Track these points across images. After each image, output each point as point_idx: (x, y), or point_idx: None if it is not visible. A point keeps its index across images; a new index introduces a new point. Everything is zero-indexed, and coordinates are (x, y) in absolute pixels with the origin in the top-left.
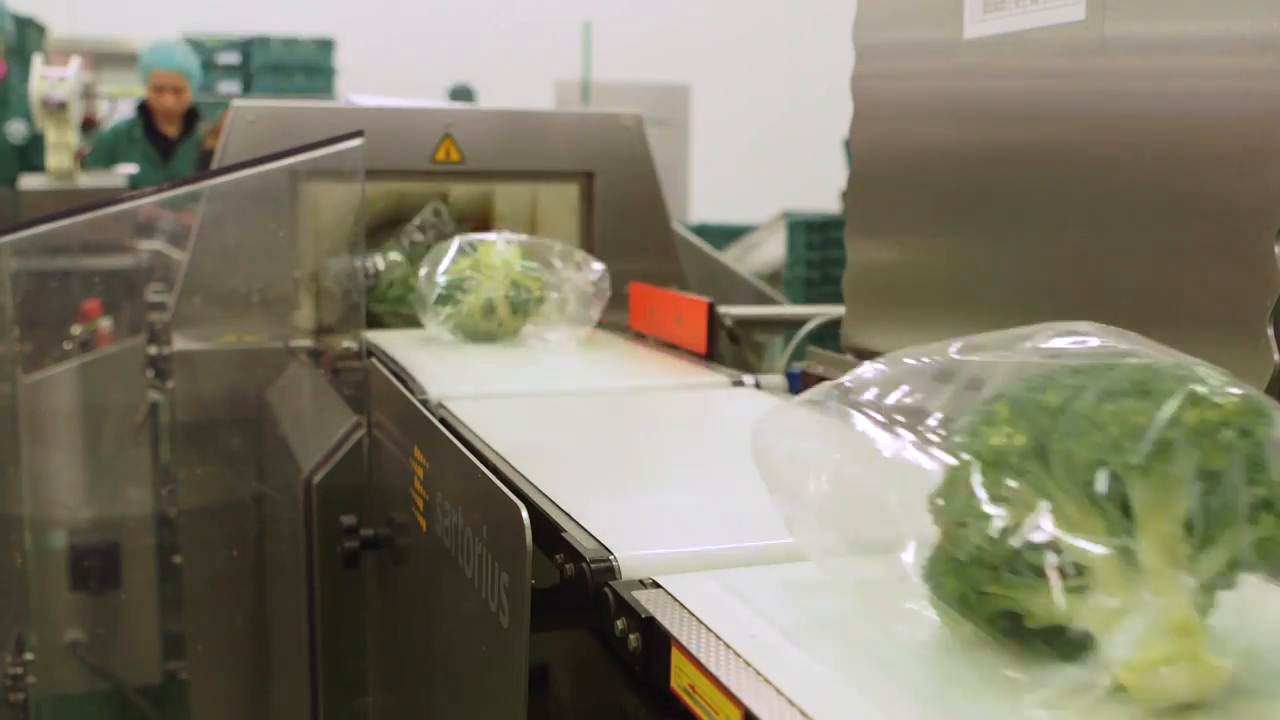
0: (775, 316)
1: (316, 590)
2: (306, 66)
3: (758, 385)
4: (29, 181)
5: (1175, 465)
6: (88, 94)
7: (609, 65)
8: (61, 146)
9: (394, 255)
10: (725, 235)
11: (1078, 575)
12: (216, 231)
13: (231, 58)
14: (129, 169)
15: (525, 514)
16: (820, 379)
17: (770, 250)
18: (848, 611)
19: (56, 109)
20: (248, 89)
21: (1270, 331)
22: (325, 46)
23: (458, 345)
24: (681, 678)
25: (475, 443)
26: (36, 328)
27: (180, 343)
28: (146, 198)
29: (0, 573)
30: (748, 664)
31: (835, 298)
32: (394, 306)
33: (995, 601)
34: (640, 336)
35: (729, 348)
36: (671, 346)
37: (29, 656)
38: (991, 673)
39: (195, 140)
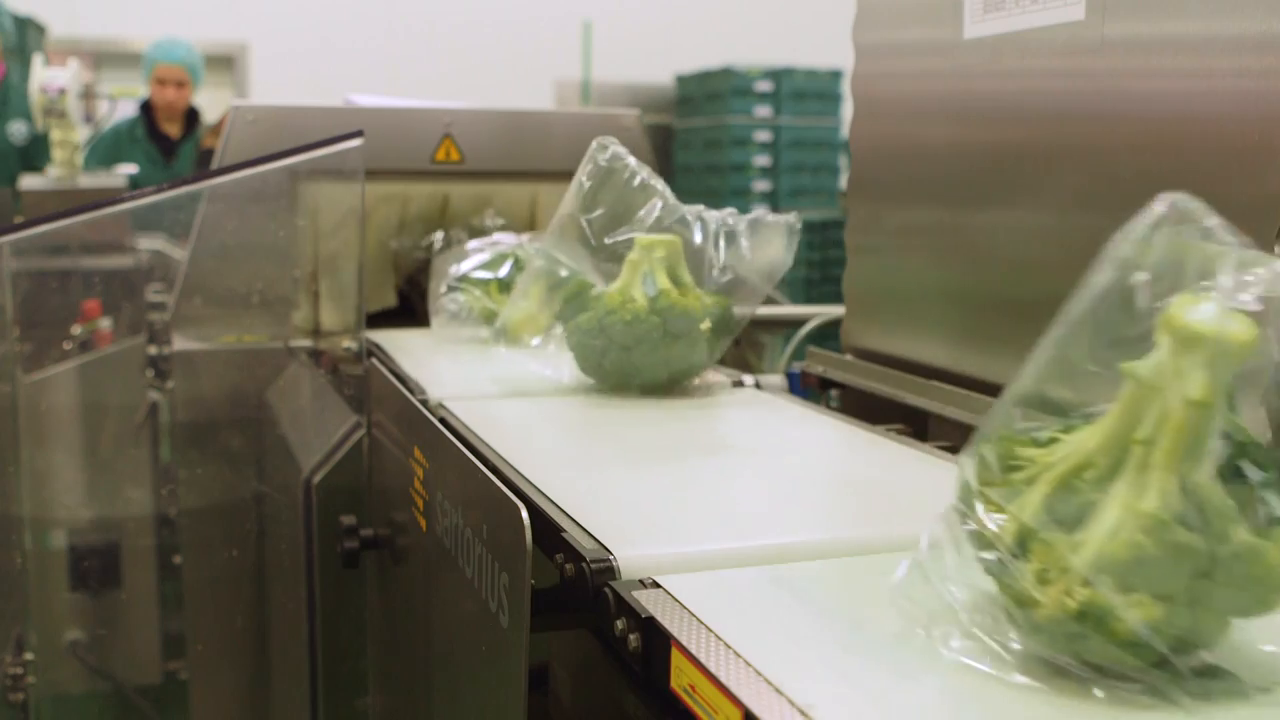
0: (775, 316)
1: (316, 590)
2: None
3: (758, 385)
4: (29, 181)
5: None
6: (88, 94)
7: (609, 65)
8: (66, 144)
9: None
10: None
11: None
12: (216, 231)
13: None
14: (129, 169)
15: (525, 514)
16: (820, 379)
17: None
18: (848, 610)
19: (57, 117)
20: None
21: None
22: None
23: (456, 345)
24: (681, 678)
25: (475, 443)
26: (36, 328)
27: (180, 343)
28: (146, 198)
29: (0, 573)
30: (748, 664)
31: (835, 298)
32: None
33: None
34: None
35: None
36: None
37: (29, 656)
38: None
39: (197, 140)
